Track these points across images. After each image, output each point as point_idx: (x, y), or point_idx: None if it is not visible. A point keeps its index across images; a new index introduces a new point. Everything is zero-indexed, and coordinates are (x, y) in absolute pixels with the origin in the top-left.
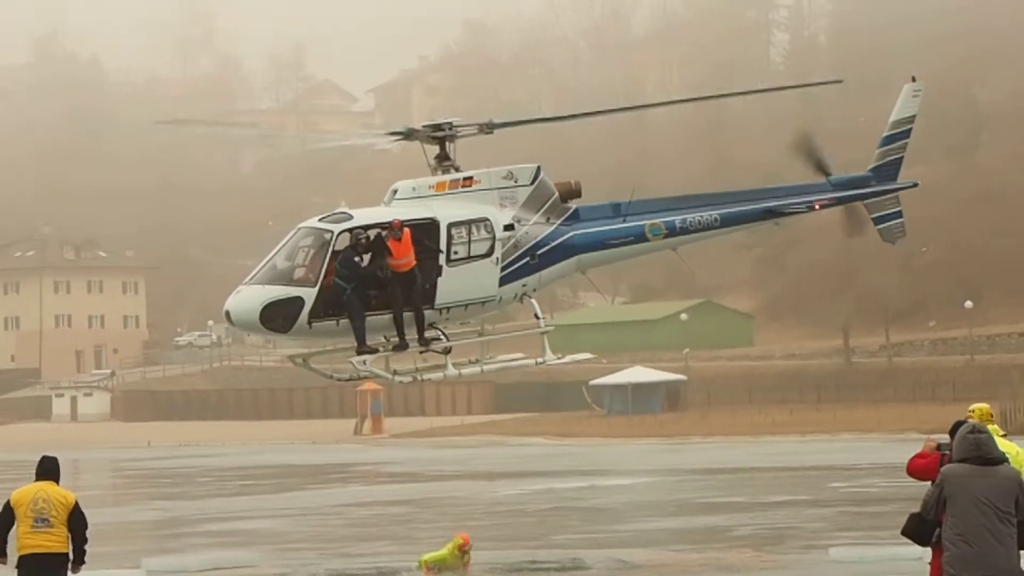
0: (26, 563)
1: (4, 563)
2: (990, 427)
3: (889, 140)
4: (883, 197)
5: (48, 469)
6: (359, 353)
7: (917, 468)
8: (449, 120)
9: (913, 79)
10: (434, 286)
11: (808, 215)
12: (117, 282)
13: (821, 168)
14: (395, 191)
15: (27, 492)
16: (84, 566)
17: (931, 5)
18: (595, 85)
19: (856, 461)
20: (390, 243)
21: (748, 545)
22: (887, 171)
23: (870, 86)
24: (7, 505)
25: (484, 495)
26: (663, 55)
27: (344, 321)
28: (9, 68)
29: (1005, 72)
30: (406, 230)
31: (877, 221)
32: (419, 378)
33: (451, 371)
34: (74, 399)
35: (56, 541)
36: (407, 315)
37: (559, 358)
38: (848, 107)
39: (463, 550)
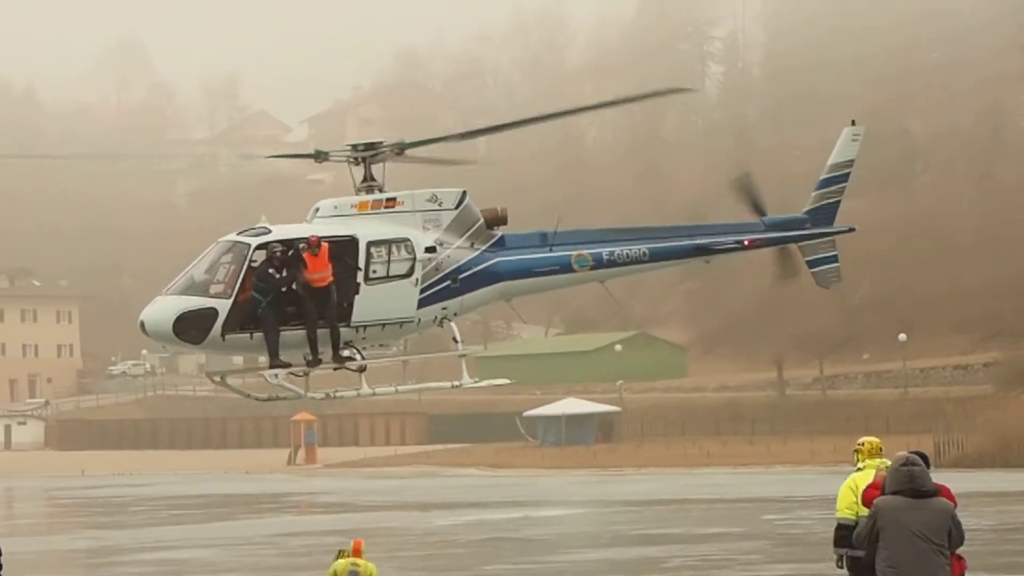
0: None
1: None
2: (879, 460)
3: (827, 183)
4: (818, 240)
5: None
6: (271, 367)
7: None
8: (365, 142)
9: (853, 122)
10: (351, 304)
11: (742, 253)
12: (51, 311)
13: (757, 208)
14: (317, 209)
15: None
16: None
17: (865, 39)
18: (529, 114)
19: (790, 493)
20: (306, 257)
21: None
22: (823, 214)
23: (804, 117)
24: None
25: (418, 525)
26: (598, 86)
27: (258, 335)
28: None
29: (937, 105)
30: (324, 245)
31: (811, 264)
32: (332, 395)
33: (365, 390)
34: (8, 428)
35: None
36: (323, 332)
37: (476, 382)
38: (782, 137)
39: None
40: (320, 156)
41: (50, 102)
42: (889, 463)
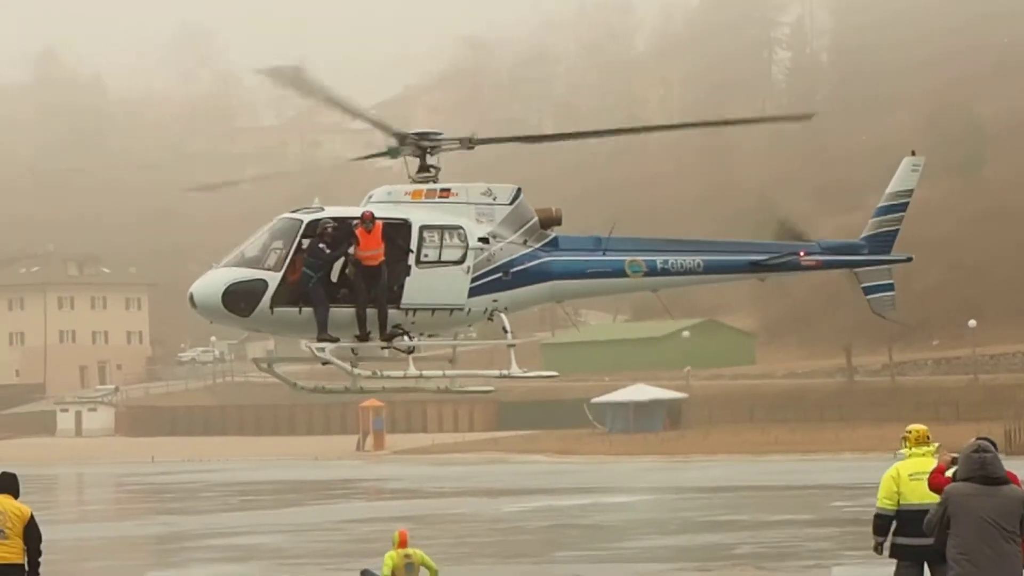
0: None
1: None
2: (925, 448)
3: (885, 211)
4: (875, 268)
5: (6, 484)
6: (319, 340)
7: (940, 485)
8: (431, 131)
9: (913, 152)
10: (401, 286)
11: (798, 273)
12: (120, 298)
13: (802, 238)
14: (370, 196)
15: None
16: None
17: (933, 22)
18: (595, 103)
19: (858, 480)
20: (359, 232)
21: (750, 564)
22: (881, 241)
23: (872, 105)
24: None
25: (486, 512)
26: (664, 73)
27: (307, 310)
28: (10, 87)
29: (1007, 89)
30: (378, 223)
31: (867, 291)
32: (379, 374)
33: (412, 371)
34: (78, 414)
35: (11, 552)
36: (372, 312)
37: (524, 372)
38: (850, 124)
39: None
40: (394, 153)
41: (117, 90)
42: (935, 448)
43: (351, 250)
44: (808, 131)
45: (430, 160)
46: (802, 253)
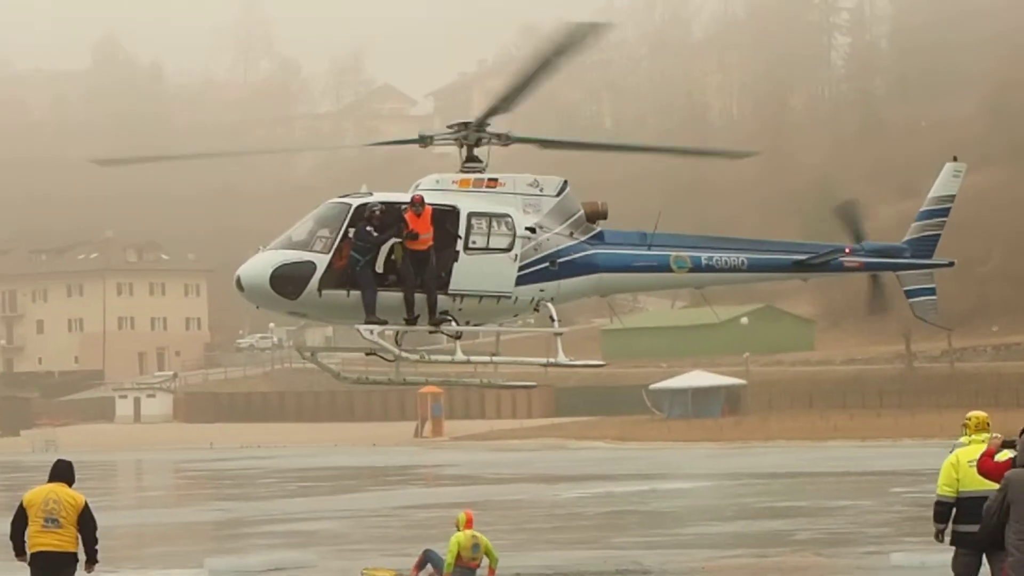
0: (36, 560)
1: (24, 561)
2: (985, 435)
3: (927, 215)
4: (916, 272)
5: (60, 472)
6: (367, 323)
7: (989, 470)
8: (466, 121)
9: (955, 158)
10: (449, 272)
11: (842, 275)
12: (179, 284)
13: (856, 234)
14: (417, 184)
15: (39, 493)
16: (98, 564)
17: (994, 7)
18: (654, 88)
19: (918, 466)
20: (408, 216)
21: (809, 550)
22: (923, 246)
23: (931, 90)
24: (20, 505)
25: (544, 498)
26: (723, 58)
27: (355, 294)
28: (69, 73)
29: None
30: (427, 207)
31: (909, 294)
32: (426, 358)
33: (459, 356)
34: (137, 400)
35: (64, 540)
36: (420, 298)
37: (571, 361)
38: (909, 110)
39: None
40: (424, 140)
41: (175, 76)
42: (993, 436)
43: (400, 234)
44: (866, 114)
45: (476, 151)
46: (847, 251)
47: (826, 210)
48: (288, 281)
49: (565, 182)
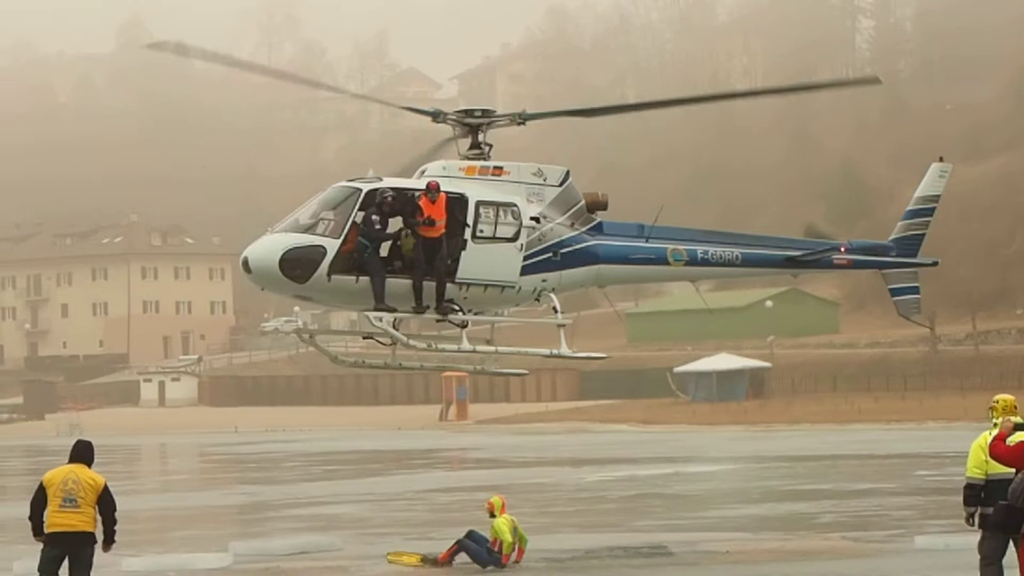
0: (52, 540)
1: (42, 541)
2: (1014, 418)
3: (913, 215)
4: (901, 270)
5: (80, 452)
6: (376, 310)
7: (1001, 453)
8: (482, 108)
9: (940, 159)
10: (457, 260)
11: (829, 271)
12: (204, 268)
13: (822, 236)
14: (423, 170)
15: (58, 473)
16: (115, 544)
17: None
18: (679, 71)
19: (942, 449)
20: (423, 203)
21: (833, 532)
22: (908, 244)
23: (955, 73)
24: (40, 485)
25: (569, 481)
26: (747, 41)
27: (363, 280)
28: (93, 56)
29: None
30: (442, 194)
31: (893, 293)
32: (433, 347)
33: (465, 345)
34: (162, 384)
35: (82, 520)
36: (427, 285)
37: (573, 352)
38: (934, 94)
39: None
40: (438, 116)
41: (200, 61)
42: (1005, 420)
43: (413, 220)
44: (890, 98)
45: (481, 137)
46: (843, 249)
47: (850, 194)
48: (297, 264)
49: (567, 172)
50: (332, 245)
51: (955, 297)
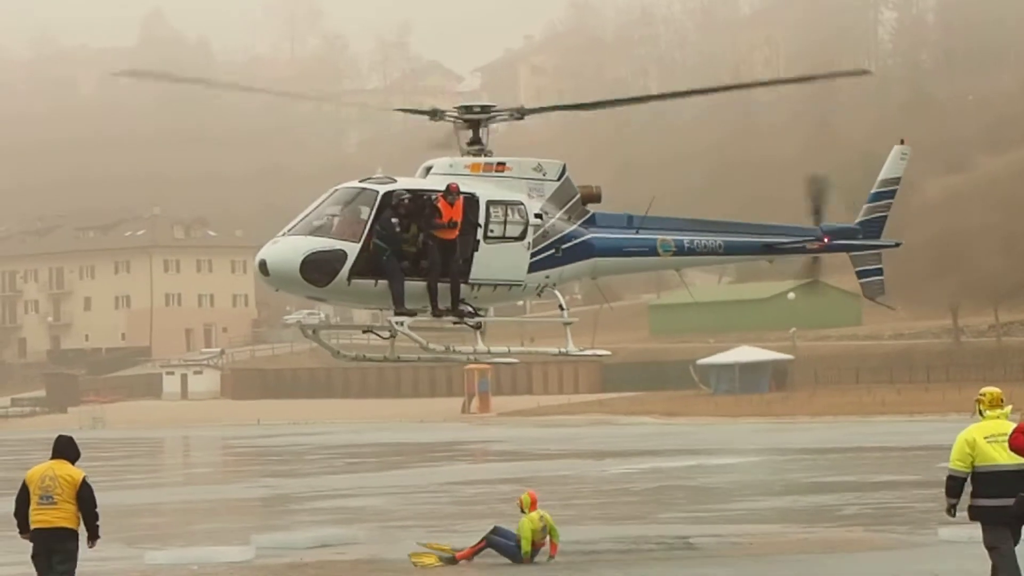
0: (35, 537)
1: (28, 538)
2: (999, 411)
3: (877, 197)
4: (866, 252)
5: (61, 448)
6: (397, 314)
7: (1020, 446)
8: (481, 104)
9: (902, 141)
10: (469, 260)
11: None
12: (226, 261)
13: (817, 213)
14: (429, 167)
15: (38, 470)
16: (99, 540)
17: None
18: (701, 63)
19: None
20: (441, 205)
21: (856, 524)
22: (873, 227)
23: (978, 64)
24: (23, 483)
25: (591, 474)
26: (770, 33)
27: (381, 283)
28: (116, 49)
29: None
30: (460, 196)
31: (859, 275)
32: (451, 349)
33: (481, 347)
34: (184, 377)
35: (58, 516)
36: (441, 286)
37: (581, 351)
38: (956, 85)
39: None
40: (436, 115)
41: (223, 53)
42: (1009, 411)
43: (434, 223)
44: (912, 90)
45: (480, 132)
46: (826, 240)
47: (871, 187)
48: (318, 268)
49: (564, 166)
50: (352, 249)
51: (978, 288)
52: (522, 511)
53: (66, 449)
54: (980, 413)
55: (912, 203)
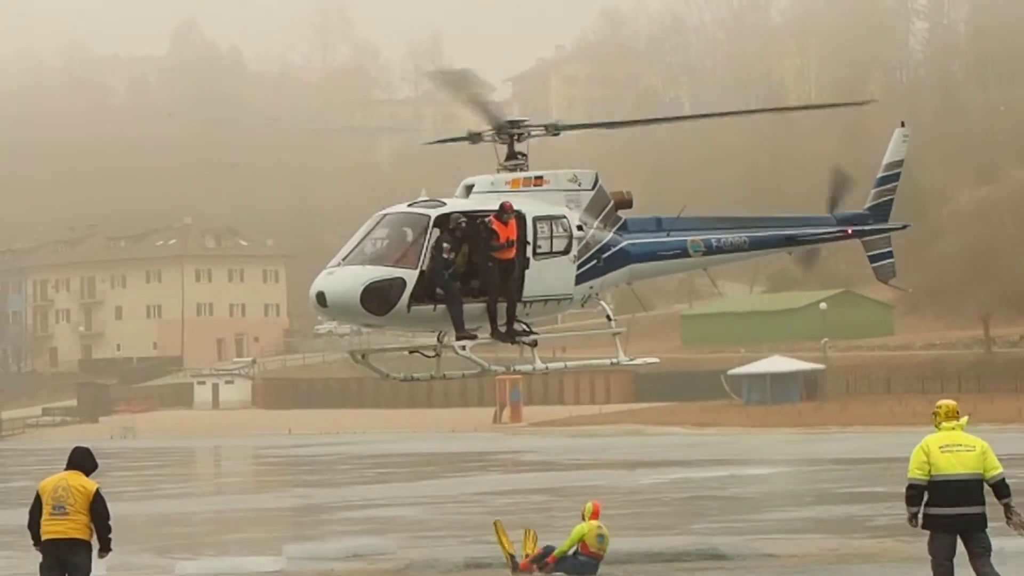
0: (46, 547)
1: (40, 549)
2: (955, 422)
3: (883, 181)
4: (877, 236)
5: (75, 460)
6: (458, 339)
7: None
8: (515, 119)
9: (903, 124)
10: (521, 278)
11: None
12: (258, 271)
13: (834, 202)
14: (470, 186)
15: (51, 481)
16: (111, 552)
17: None
18: (733, 72)
19: (997, 452)
20: (496, 226)
21: (888, 535)
22: (881, 211)
23: (1009, 74)
24: (36, 494)
25: (623, 484)
26: (801, 43)
27: (440, 307)
28: (148, 58)
29: None
30: (514, 215)
31: (872, 259)
32: (511, 369)
33: (539, 365)
34: (216, 387)
35: (71, 527)
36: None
37: (631, 360)
38: (987, 95)
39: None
40: (473, 138)
41: (255, 63)
42: (964, 422)
43: (490, 243)
44: (944, 99)
45: (518, 147)
46: (850, 231)
47: (903, 194)
48: (378, 297)
49: (597, 175)
50: (411, 275)
51: (1010, 299)
52: (582, 518)
53: (83, 461)
54: (936, 425)
55: (943, 213)
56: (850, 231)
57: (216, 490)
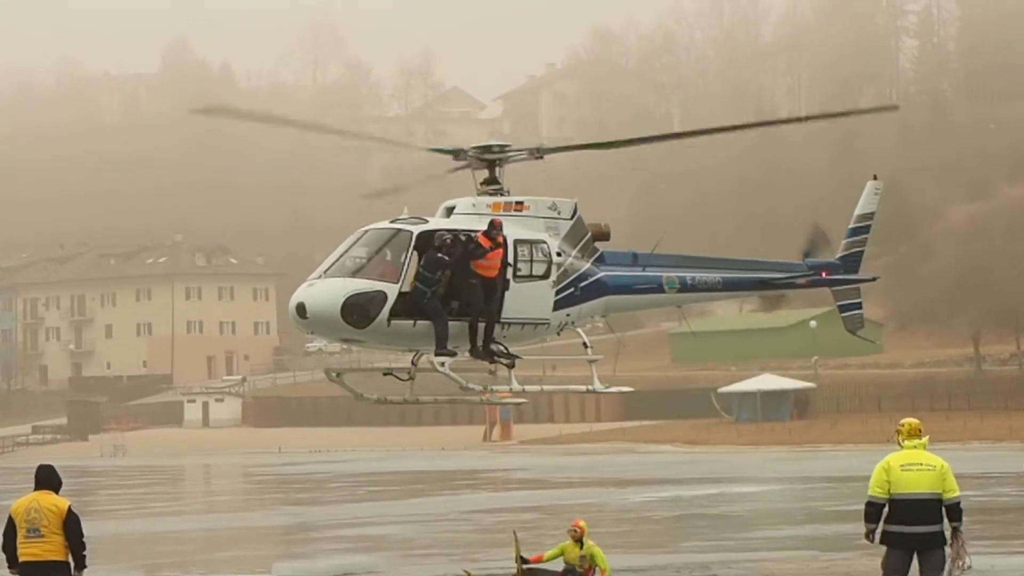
0: (23, 570)
1: (15, 573)
2: (917, 441)
3: (854, 232)
4: (847, 287)
5: (43, 479)
6: (438, 355)
7: None
8: (500, 143)
9: (875, 177)
10: (501, 299)
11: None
12: (248, 288)
13: (808, 252)
14: (451, 208)
15: (23, 503)
16: (87, 570)
17: None
18: (724, 92)
19: (987, 470)
20: (483, 242)
21: (878, 554)
22: (852, 262)
23: (999, 92)
24: (9, 516)
25: (613, 502)
26: (792, 61)
27: (421, 323)
28: (139, 75)
29: None
30: (503, 234)
31: (841, 309)
32: (488, 389)
33: (516, 386)
34: (206, 405)
35: (46, 550)
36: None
37: (606, 387)
38: (977, 112)
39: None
40: (459, 154)
41: (246, 81)
42: (927, 441)
43: (474, 261)
44: (934, 117)
45: (497, 172)
46: (798, 282)
47: (894, 211)
48: (359, 310)
49: (576, 204)
50: (392, 290)
51: (1000, 317)
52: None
53: (49, 478)
54: (899, 443)
55: (934, 230)
56: (823, 274)
57: (206, 508)
